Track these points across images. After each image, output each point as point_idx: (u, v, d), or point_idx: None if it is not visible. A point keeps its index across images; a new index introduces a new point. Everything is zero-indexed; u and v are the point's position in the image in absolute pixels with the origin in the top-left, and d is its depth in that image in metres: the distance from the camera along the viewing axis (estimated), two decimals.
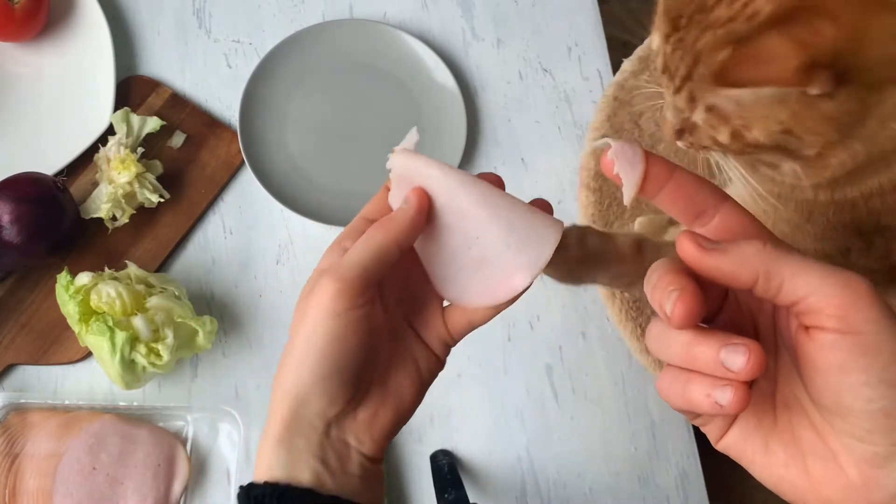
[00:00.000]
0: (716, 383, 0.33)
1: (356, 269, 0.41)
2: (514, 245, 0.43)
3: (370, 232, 0.43)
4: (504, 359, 0.81)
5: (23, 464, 0.71)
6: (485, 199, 0.43)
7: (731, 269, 0.33)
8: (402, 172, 0.46)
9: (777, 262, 0.33)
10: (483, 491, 0.77)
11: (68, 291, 0.71)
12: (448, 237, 0.44)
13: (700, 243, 0.34)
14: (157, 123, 0.82)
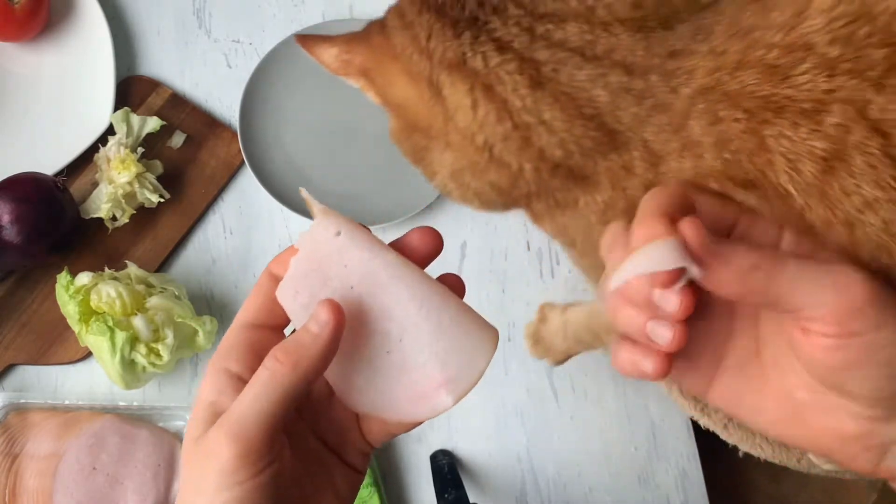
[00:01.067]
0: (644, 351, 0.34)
1: (258, 425, 0.33)
2: (442, 355, 0.36)
3: (270, 368, 0.34)
4: (504, 359, 0.81)
5: (23, 464, 0.71)
6: (413, 293, 0.36)
7: (726, 280, 0.32)
8: (313, 251, 0.37)
9: (774, 274, 0.31)
10: (483, 491, 0.77)
11: (68, 291, 0.71)
12: (363, 337, 0.36)
13: (703, 244, 0.31)
14: (157, 123, 0.82)
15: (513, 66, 0.41)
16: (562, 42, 0.40)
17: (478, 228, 0.85)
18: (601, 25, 0.40)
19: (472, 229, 0.85)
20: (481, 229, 0.85)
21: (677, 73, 0.39)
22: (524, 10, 0.41)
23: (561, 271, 0.84)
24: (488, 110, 0.43)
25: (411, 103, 0.47)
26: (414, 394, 0.36)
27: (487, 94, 0.42)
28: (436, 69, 0.44)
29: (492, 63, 0.42)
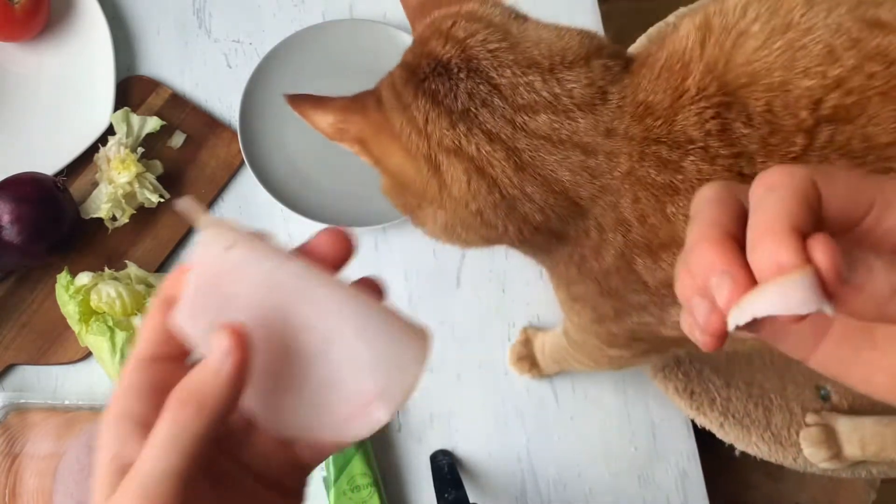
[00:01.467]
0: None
1: (167, 483, 0.29)
2: (371, 365, 0.32)
3: (173, 415, 0.30)
4: (504, 359, 0.81)
5: (23, 464, 0.71)
6: (330, 302, 0.33)
7: (861, 307, 0.26)
8: (207, 268, 0.32)
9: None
10: (483, 491, 0.78)
11: (68, 291, 0.71)
12: (281, 356, 0.33)
13: (836, 272, 0.25)
14: (157, 123, 0.82)
15: (500, 154, 0.48)
16: (535, 131, 0.48)
17: None
18: (564, 112, 0.48)
19: None
20: None
21: (612, 155, 0.48)
22: (506, 102, 0.48)
23: None
24: (480, 185, 0.49)
25: (407, 174, 0.52)
26: (346, 411, 0.33)
27: (480, 174, 0.49)
28: (434, 150, 0.49)
29: (483, 151, 0.48)
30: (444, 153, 0.49)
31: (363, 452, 0.73)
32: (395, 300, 0.86)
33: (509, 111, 0.48)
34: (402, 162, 0.51)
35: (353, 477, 0.73)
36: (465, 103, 0.49)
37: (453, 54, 0.49)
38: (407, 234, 0.84)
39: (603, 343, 0.63)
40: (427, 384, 0.80)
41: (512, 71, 0.49)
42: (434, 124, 0.49)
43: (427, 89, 0.49)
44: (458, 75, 0.49)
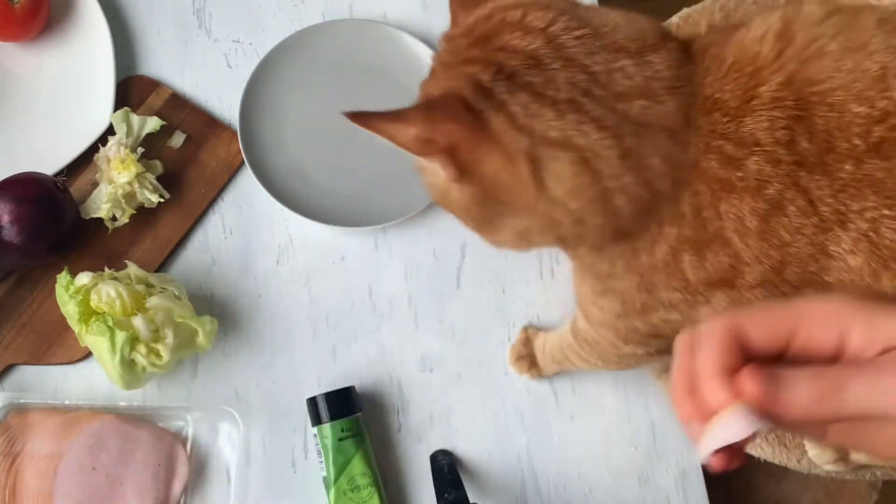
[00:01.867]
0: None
1: None
2: None
3: None
4: (504, 359, 0.81)
5: (23, 464, 0.71)
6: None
7: (793, 415, 0.32)
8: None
9: (842, 397, 0.32)
10: (483, 491, 0.77)
11: (68, 291, 0.71)
12: None
13: (763, 391, 0.32)
14: (157, 123, 0.82)
15: (608, 142, 0.48)
16: (634, 117, 0.48)
17: None
18: (654, 96, 0.48)
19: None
20: None
21: (687, 144, 0.48)
22: (605, 89, 0.48)
23: (561, 271, 0.84)
24: (584, 178, 0.48)
25: (501, 177, 0.50)
26: None
27: (586, 166, 0.48)
28: (536, 145, 0.48)
29: (593, 140, 0.47)
30: (549, 147, 0.48)
31: (363, 452, 0.73)
32: (395, 300, 0.87)
33: (609, 98, 0.48)
34: (497, 166, 0.49)
35: (353, 477, 0.72)
36: (567, 93, 0.47)
37: (539, 45, 0.48)
38: (407, 234, 0.84)
39: (619, 339, 0.63)
40: (427, 384, 0.80)
41: (603, 57, 0.48)
42: (537, 118, 0.48)
43: (522, 83, 0.48)
44: (551, 66, 0.48)
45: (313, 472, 0.76)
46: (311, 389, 0.77)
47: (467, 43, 0.52)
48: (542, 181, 0.49)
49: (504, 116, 0.48)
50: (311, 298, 0.82)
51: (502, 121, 0.48)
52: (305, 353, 0.80)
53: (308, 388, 0.78)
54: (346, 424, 0.73)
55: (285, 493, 0.76)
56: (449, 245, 0.84)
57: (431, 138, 0.50)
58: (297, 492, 0.76)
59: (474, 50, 0.51)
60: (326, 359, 0.80)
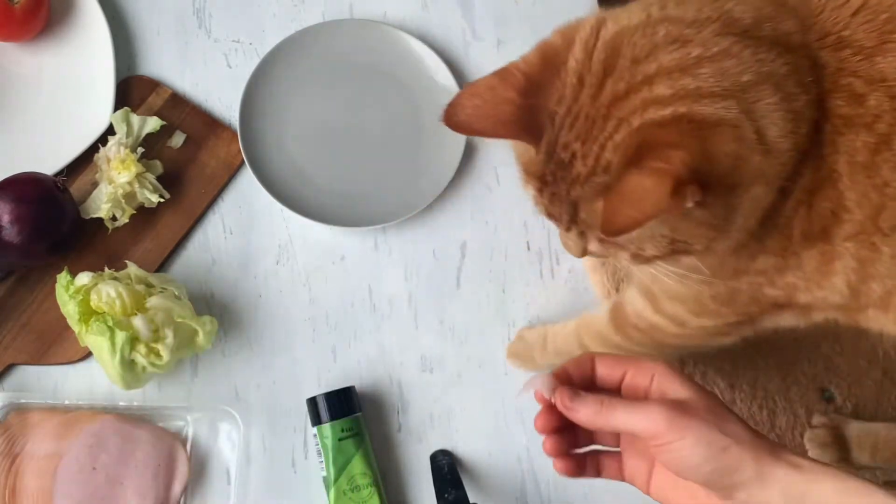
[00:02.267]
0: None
1: None
2: None
3: None
4: (504, 359, 0.81)
5: (23, 464, 0.71)
6: None
7: (582, 420, 0.51)
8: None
9: (609, 416, 0.50)
10: (483, 491, 0.77)
11: (68, 291, 0.71)
12: None
13: (564, 403, 0.52)
14: (157, 123, 0.82)
15: (785, 68, 0.50)
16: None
17: (478, 228, 0.85)
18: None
19: (472, 229, 0.85)
20: (481, 229, 0.85)
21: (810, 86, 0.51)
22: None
23: (561, 271, 0.84)
24: (785, 114, 0.49)
25: (732, 157, 0.48)
26: None
27: (784, 100, 0.49)
28: (743, 103, 0.48)
29: (776, 68, 0.49)
30: (752, 97, 0.48)
31: (363, 452, 0.73)
32: (395, 300, 0.87)
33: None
34: (728, 147, 0.47)
35: (353, 477, 0.72)
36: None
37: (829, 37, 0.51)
38: (407, 234, 0.84)
39: (690, 313, 0.66)
40: (427, 384, 0.80)
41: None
42: (726, 75, 0.48)
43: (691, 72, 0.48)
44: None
45: (313, 472, 0.76)
46: (311, 389, 0.77)
47: (608, 86, 0.49)
48: (763, 134, 0.48)
49: (707, 99, 0.47)
50: (311, 298, 0.82)
51: (707, 102, 0.47)
52: (305, 353, 0.80)
53: (308, 388, 0.78)
54: (346, 424, 0.73)
55: (285, 493, 0.76)
56: (449, 245, 0.84)
57: (676, 183, 0.45)
58: (297, 492, 0.76)
59: (621, 83, 0.49)
60: (326, 359, 0.80)
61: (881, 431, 0.99)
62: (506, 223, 0.85)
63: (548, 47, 0.52)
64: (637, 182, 0.45)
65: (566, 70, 0.50)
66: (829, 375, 1.04)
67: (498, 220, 0.85)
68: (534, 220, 0.85)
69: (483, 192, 0.86)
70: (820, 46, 0.51)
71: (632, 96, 0.48)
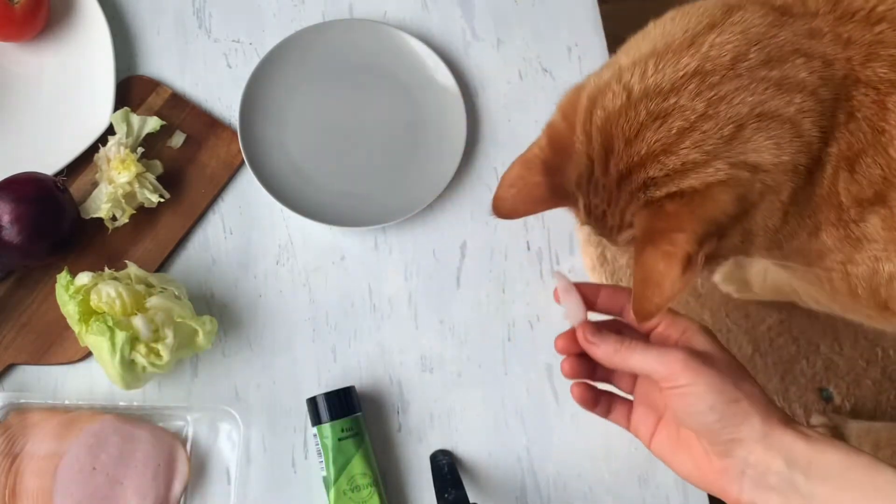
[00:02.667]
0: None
1: None
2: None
3: None
4: (504, 359, 0.81)
5: (23, 464, 0.71)
6: None
7: (600, 357, 0.55)
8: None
9: (627, 356, 0.53)
10: (483, 491, 0.78)
11: (68, 291, 0.71)
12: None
13: (585, 337, 0.56)
14: (157, 123, 0.82)
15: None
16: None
17: (478, 228, 0.85)
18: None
19: (472, 229, 0.85)
20: (481, 229, 0.85)
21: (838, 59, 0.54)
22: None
23: (561, 271, 0.84)
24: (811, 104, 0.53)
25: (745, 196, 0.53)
26: None
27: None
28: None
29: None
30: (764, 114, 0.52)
31: (363, 452, 0.73)
32: (395, 300, 0.87)
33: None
34: (730, 201, 0.52)
35: (353, 477, 0.72)
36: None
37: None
38: (407, 234, 0.84)
39: (827, 297, 0.68)
40: (427, 384, 0.80)
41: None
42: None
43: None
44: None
45: (313, 472, 0.76)
46: (311, 389, 0.77)
47: (612, 165, 0.55)
48: (757, 165, 0.52)
49: (693, 173, 0.52)
50: (311, 298, 0.82)
51: (694, 176, 0.52)
52: (305, 353, 0.80)
53: (308, 388, 0.78)
54: (346, 424, 0.73)
55: (285, 493, 0.76)
56: (449, 245, 0.84)
57: (682, 268, 0.51)
58: (297, 492, 0.76)
59: (621, 163, 0.54)
60: (326, 359, 0.80)
61: (881, 431, 0.99)
62: (506, 223, 0.85)
63: (554, 133, 0.59)
64: (652, 265, 0.52)
65: (576, 152, 0.57)
66: (827, 375, 1.04)
67: (498, 220, 0.85)
68: (534, 220, 0.86)
69: (483, 192, 0.86)
70: (842, 29, 0.53)
71: (633, 175, 0.53)
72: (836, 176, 0.54)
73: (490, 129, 0.89)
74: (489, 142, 0.88)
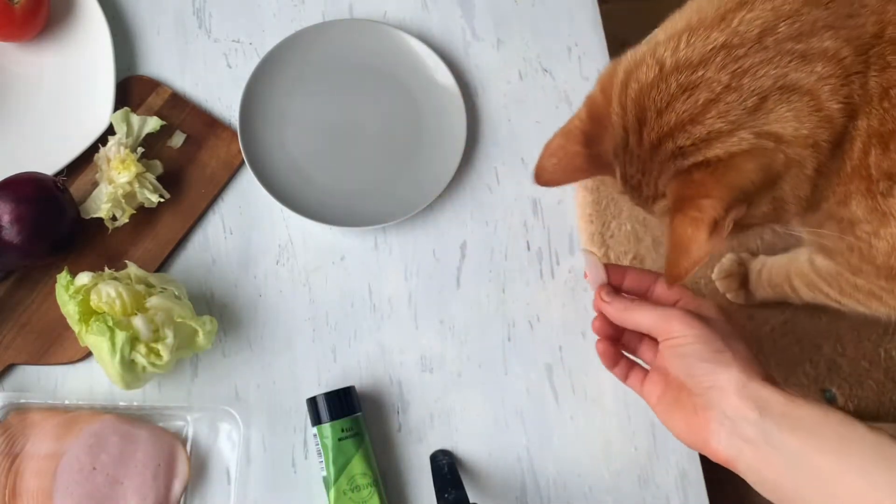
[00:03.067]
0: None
1: None
2: None
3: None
4: (504, 359, 0.81)
5: (23, 464, 0.71)
6: None
7: (612, 314, 0.62)
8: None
9: (633, 313, 0.60)
10: (483, 491, 0.77)
11: (68, 291, 0.71)
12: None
13: (600, 297, 0.63)
14: (157, 123, 0.82)
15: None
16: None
17: (478, 228, 0.85)
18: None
19: (472, 229, 0.85)
20: (481, 229, 0.85)
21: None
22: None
23: (561, 271, 0.84)
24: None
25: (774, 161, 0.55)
26: None
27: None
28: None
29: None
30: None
31: (363, 452, 0.73)
32: (395, 300, 0.86)
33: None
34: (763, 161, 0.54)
35: (353, 477, 0.72)
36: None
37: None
38: (407, 234, 0.84)
39: (848, 270, 0.69)
40: (427, 384, 0.80)
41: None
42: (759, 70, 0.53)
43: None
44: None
45: (313, 472, 0.76)
46: (311, 389, 0.77)
47: (645, 135, 0.57)
48: (781, 136, 0.53)
49: (718, 142, 0.54)
50: (311, 298, 0.82)
51: (719, 145, 0.54)
52: (305, 353, 0.80)
53: (308, 388, 0.78)
54: (346, 424, 0.73)
55: (285, 493, 0.76)
56: (449, 245, 0.84)
57: (710, 229, 0.53)
58: (297, 492, 0.76)
59: (653, 133, 0.56)
60: (326, 359, 0.80)
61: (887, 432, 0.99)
62: (506, 223, 0.85)
63: (592, 105, 0.62)
64: (682, 230, 0.54)
65: (612, 123, 0.59)
66: (830, 376, 1.04)
67: (498, 220, 0.85)
68: (534, 220, 0.85)
69: (483, 192, 0.86)
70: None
71: (664, 145, 0.56)
72: (867, 151, 0.55)
73: (490, 129, 0.89)
74: (489, 142, 0.88)
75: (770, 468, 0.51)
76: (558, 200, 0.87)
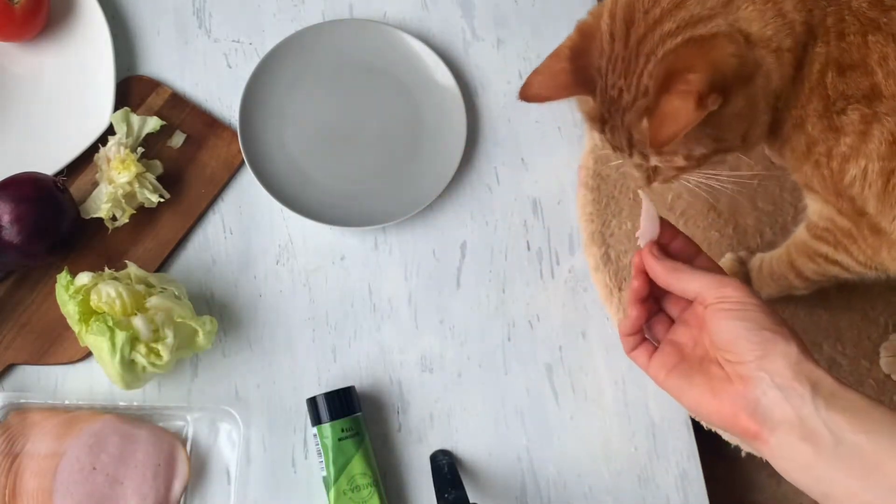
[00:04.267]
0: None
1: None
2: None
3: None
4: (504, 359, 0.81)
5: (23, 464, 0.71)
6: None
7: (659, 272, 0.60)
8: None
9: (685, 276, 0.58)
10: (483, 491, 0.77)
11: (68, 291, 0.71)
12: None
13: (651, 251, 0.61)
14: (157, 123, 0.82)
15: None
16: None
17: (478, 228, 0.85)
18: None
19: (472, 229, 0.85)
20: (481, 229, 0.85)
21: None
22: None
23: (561, 271, 0.84)
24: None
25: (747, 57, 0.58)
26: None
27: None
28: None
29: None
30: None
31: (363, 452, 0.73)
32: (395, 300, 0.86)
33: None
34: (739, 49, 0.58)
35: (353, 477, 0.72)
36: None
37: None
38: (407, 234, 0.84)
39: (836, 210, 0.70)
40: (427, 384, 0.80)
41: None
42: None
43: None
44: None
45: (313, 472, 0.76)
46: (311, 389, 0.77)
47: (632, 33, 0.60)
48: (748, 34, 0.58)
49: (700, 24, 0.57)
50: (311, 298, 0.82)
51: (701, 26, 0.57)
52: (305, 353, 0.80)
53: (308, 388, 0.78)
54: (346, 424, 0.73)
55: (285, 493, 0.76)
56: (449, 245, 0.84)
57: (698, 97, 0.55)
58: (297, 492, 0.76)
59: (640, 28, 0.59)
60: (326, 359, 0.80)
61: None
62: (506, 223, 0.85)
63: (583, 24, 0.65)
64: (669, 104, 0.56)
65: (601, 33, 0.62)
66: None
67: (498, 220, 0.85)
68: (534, 220, 0.85)
69: (483, 192, 0.86)
70: None
71: (650, 35, 0.59)
72: (824, 73, 0.59)
73: (490, 129, 0.89)
74: (489, 142, 0.88)
75: (806, 444, 0.51)
76: (558, 200, 0.87)
